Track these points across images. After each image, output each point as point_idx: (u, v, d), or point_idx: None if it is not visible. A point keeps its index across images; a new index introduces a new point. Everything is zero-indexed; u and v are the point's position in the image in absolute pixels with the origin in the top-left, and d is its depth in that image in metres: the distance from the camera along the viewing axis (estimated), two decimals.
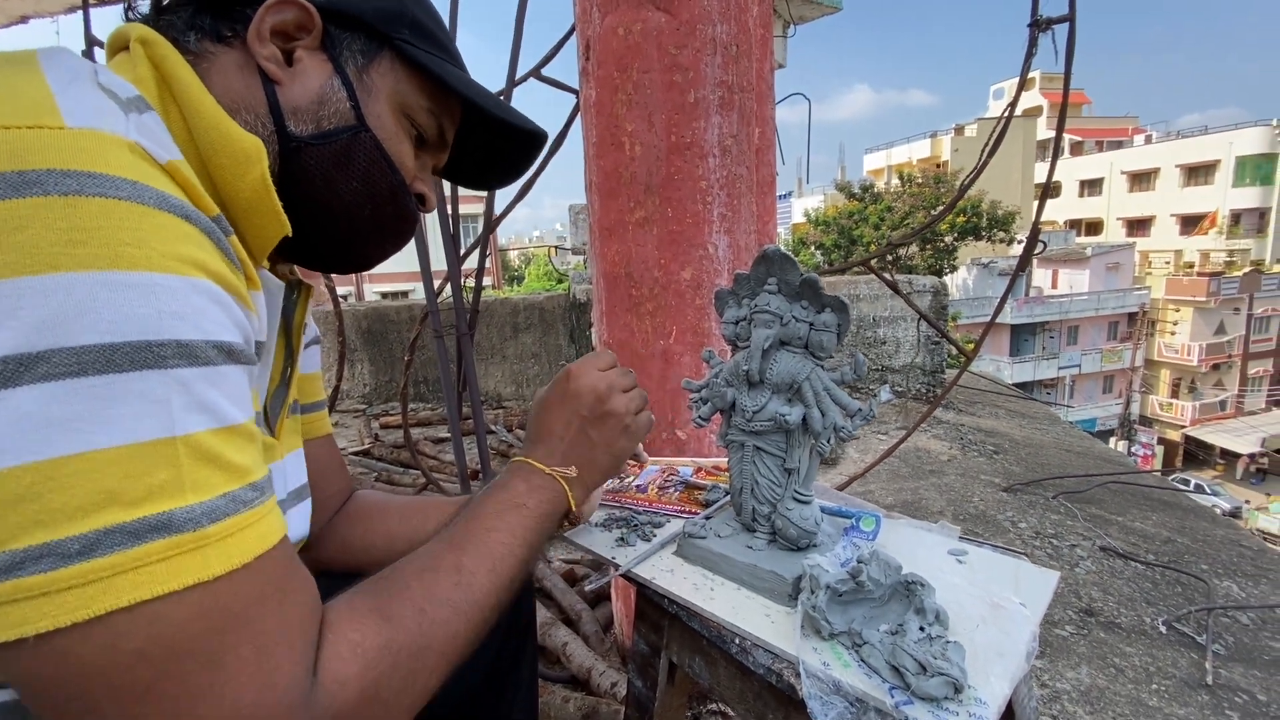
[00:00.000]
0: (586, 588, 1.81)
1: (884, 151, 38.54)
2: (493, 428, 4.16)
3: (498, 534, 0.57)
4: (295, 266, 0.64)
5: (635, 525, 0.84)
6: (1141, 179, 32.17)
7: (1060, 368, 26.23)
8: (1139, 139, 36.41)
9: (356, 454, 3.81)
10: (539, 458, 0.66)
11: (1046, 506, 2.79)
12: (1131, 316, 26.96)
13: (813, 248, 19.88)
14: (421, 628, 0.48)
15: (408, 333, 5.19)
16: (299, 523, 0.64)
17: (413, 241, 1.80)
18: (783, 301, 0.73)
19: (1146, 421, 27.06)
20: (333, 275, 2.34)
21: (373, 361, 5.26)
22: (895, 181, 21.35)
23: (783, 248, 0.80)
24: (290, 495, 0.62)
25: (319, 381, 0.74)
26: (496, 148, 0.68)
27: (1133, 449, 22.03)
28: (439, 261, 1.94)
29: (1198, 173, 29.84)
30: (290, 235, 0.51)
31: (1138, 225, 32.65)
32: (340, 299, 2.86)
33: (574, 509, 0.65)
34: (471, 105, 0.61)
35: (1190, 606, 1.93)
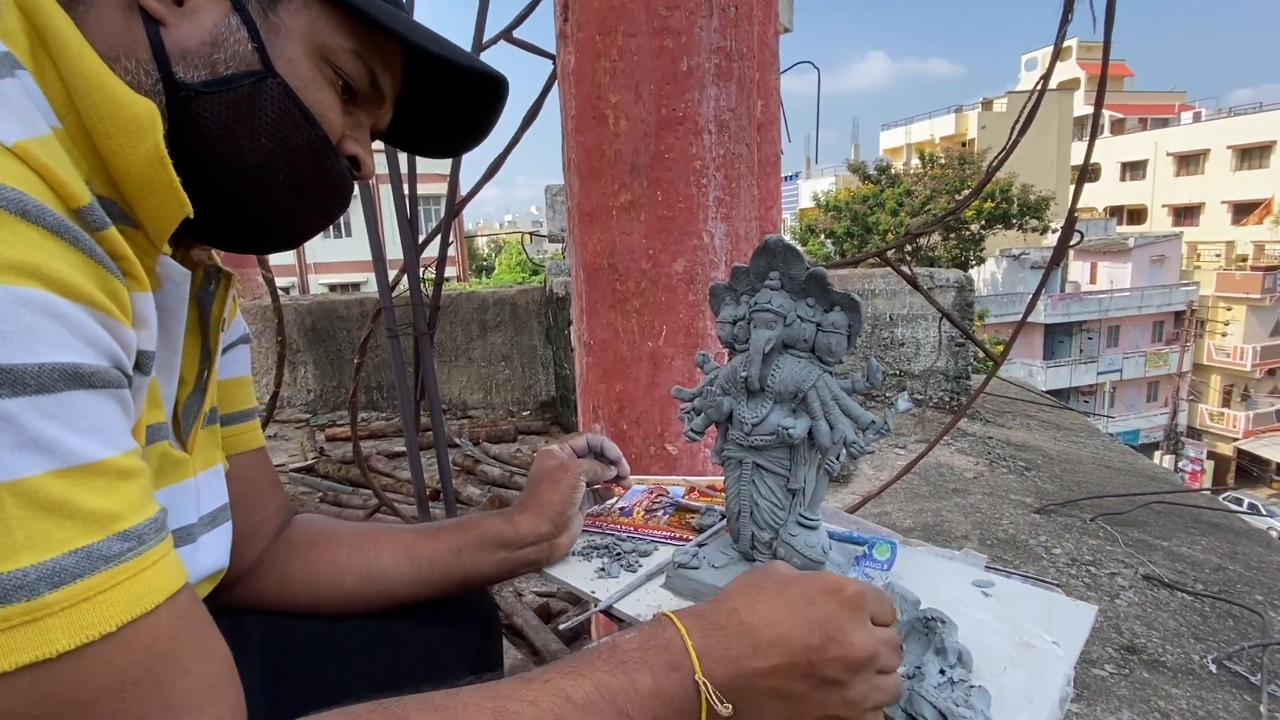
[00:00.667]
0: (562, 625, 1.80)
1: (903, 128, 38.95)
2: (456, 440, 4.14)
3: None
4: (214, 250, 0.62)
5: (618, 554, 0.84)
6: (1189, 161, 32.74)
7: (1099, 373, 26.62)
8: (1186, 116, 37.06)
9: (298, 471, 3.78)
10: (717, 649, 0.47)
11: (1084, 530, 2.82)
12: (1178, 315, 27.42)
13: (822, 236, 20.02)
14: None
15: (358, 331, 5.17)
16: (216, 551, 0.62)
17: (364, 227, 1.79)
18: (786, 299, 0.73)
19: (1195, 433, 27.50)
20: (272, 266, 2.32)
21: (318, 364, 5.23)
22: (915, 162, 21.57)
23: (787, 237, 0.80)
24: (204, 519, 0.61)
25: (248, 387, 0.72)
26: (449, 103, 0.65)
27: (1180, 464, 22.39)
28: (395, 250, 1.92)
29: (1251, 155, 30.42)
30: (193, 216, 0.49)
31: (1185, 213, 33.22)
32: (281, 291, 2.84)
33: None
34: (410, 48, 0.57)
35: (1244, 642, 1.96)
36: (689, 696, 0.46)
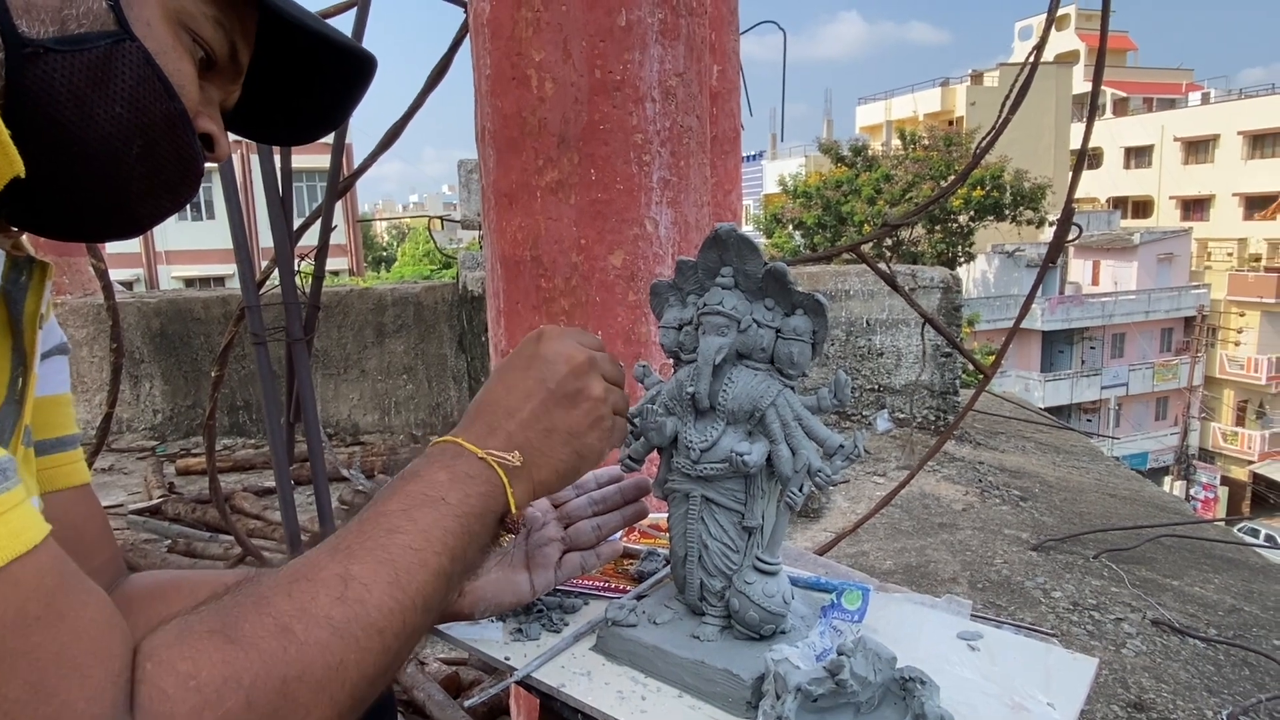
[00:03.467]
0: (468, 702, 1.76)
1: (882, 102, 40.27)
2: (345, 473, 4.04)
3: (403, 536, 0.58)
4: (26, 236, 0.62)
5: (538, 610, 0.83)
6: (1198, 148, 34.88)
7: (1103, 387, 27.96)
8: (1194, 97, 39.53)
9: (140, 513, 3.64)
10: (472, 437, 0.67)
11: (1086, 569, 2.94)
12: (1188, 321, 29.07)
13: (790, 227, 20.47)
14: (288, 652, 0.48)
15: (219, 336, 5.06)
16: None
17: (222, 208, 1.73)
18: (741, 299, 0.74)
19: (1207, 456, 29.11)
20: (109, 255, 2.22)
21: (168, 378, 5.10)
22: (895, 143, 22.30)
23: (749, 227, 0.81)
24: None
25: (67, 408, 0.71)
26: (301, 81, 0.69)
27: (1191, 492, 23.67)
28: (267, 236, 1.89)
29: (1264, 142, 32.61)
30: (22, 176, 0.51)
31: (1194, 206, 35.33)
32: (120, 286, 2.72)
33: (515, 512, 0.66)
34: (271, 13, 0.62)
35: (1261, 695, 2.08)
36: (483, 468, 0.64)
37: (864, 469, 4.56)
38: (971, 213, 19.19)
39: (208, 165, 0.66)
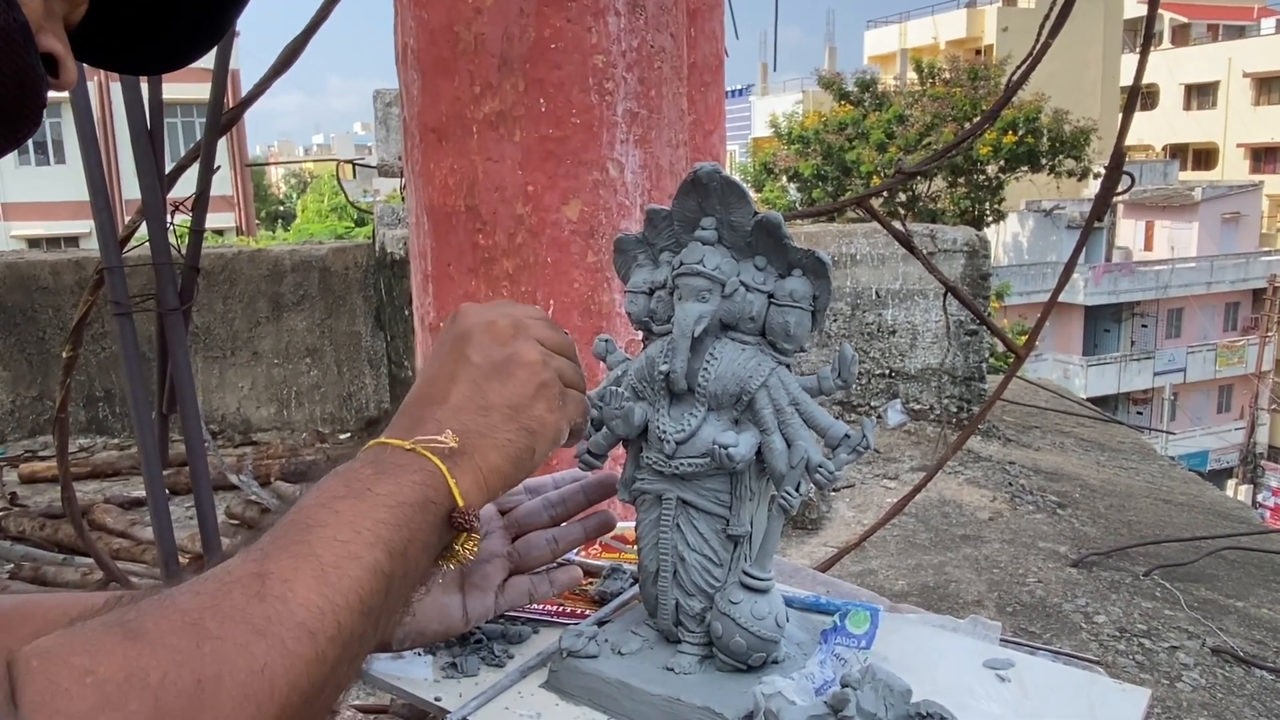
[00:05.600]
0: None
1: (895, 26, 40.55)
2: (233, 479, 4.00)
3: (326, 529, 0.60)
4: None
5: (476, 640, 0.83)
6: (1271, 86, 35.61)
7: (1156, 373, 28.60)
8: (1268, 24, 40.27)
9: None
10: (397, 434, 0.70)
11: (1135, 588, 3.02)
12: (1257, 295, 29.75)
13: (784, 179, 20.58)
14: (201, 650, 0.49)
15: (71, 309, 4.98)
16: None
17: (75, 150, 1.70)
18: (725, 257, 0.74)
19: (1278, 454, 29.89)
20: None
21: (7, 362, 5.05)
22: (911, 76, 22.49)
23: (731, 172, 0.81)
24: None
25: None
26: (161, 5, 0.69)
27: (1259, 497, 24.32)
28: (130, 186, 1.87)
29: None
30: None
31: (1265, 156, 36.13)
32: None
33: (460, 502, 0.67)
34: None
35: None
36: (413, 457, 0.66)
37: (872, 470, 4.62)
38: (1001, 162, 19.42)
39: (54, 96, 0.64)
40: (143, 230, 1.81)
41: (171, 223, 1.79)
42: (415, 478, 0.65)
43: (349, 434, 5.09)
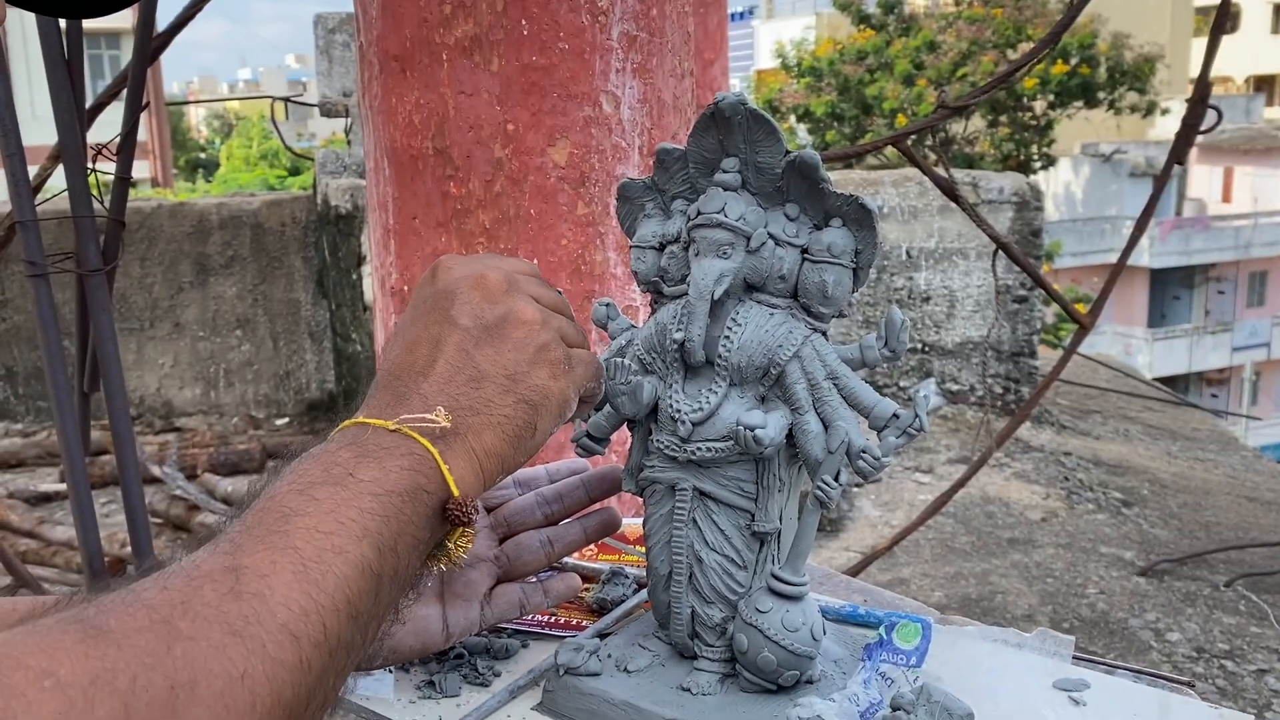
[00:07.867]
0: None
1: None
2: (155, 471, 4.01)
3: (305, 519, 0.60)
4: None
5: (457, 656, 0.83)
6: None
7: (1235, 348, 28.70)
8: None
9: None
10: (376, 412, 0.70)
11: (1215, 601, 3.03)
12: None
13: (793, 119, 20.43)
14: (173, 652, 0.50)
15: None
16: None
17: None
18: (751, 206, 0.74)
19: None
20: None
21: None
22: None
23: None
24: None
25: None
26: None
27: None
28: (42, 132, 1.86)
29: None
30: None
31: None
32: None
33: (456, 491, 0.67)
34: None
35: None
36: (399, 439, 0.67)
37: (901, 463, 4.63)
38: (1051, 97, 19.27)
39: None
40: (56, 179, 1.79)
41: (92, 168, 1.78)
42: (402, 463, 0.65)
43: (287, 419, 5.09)
